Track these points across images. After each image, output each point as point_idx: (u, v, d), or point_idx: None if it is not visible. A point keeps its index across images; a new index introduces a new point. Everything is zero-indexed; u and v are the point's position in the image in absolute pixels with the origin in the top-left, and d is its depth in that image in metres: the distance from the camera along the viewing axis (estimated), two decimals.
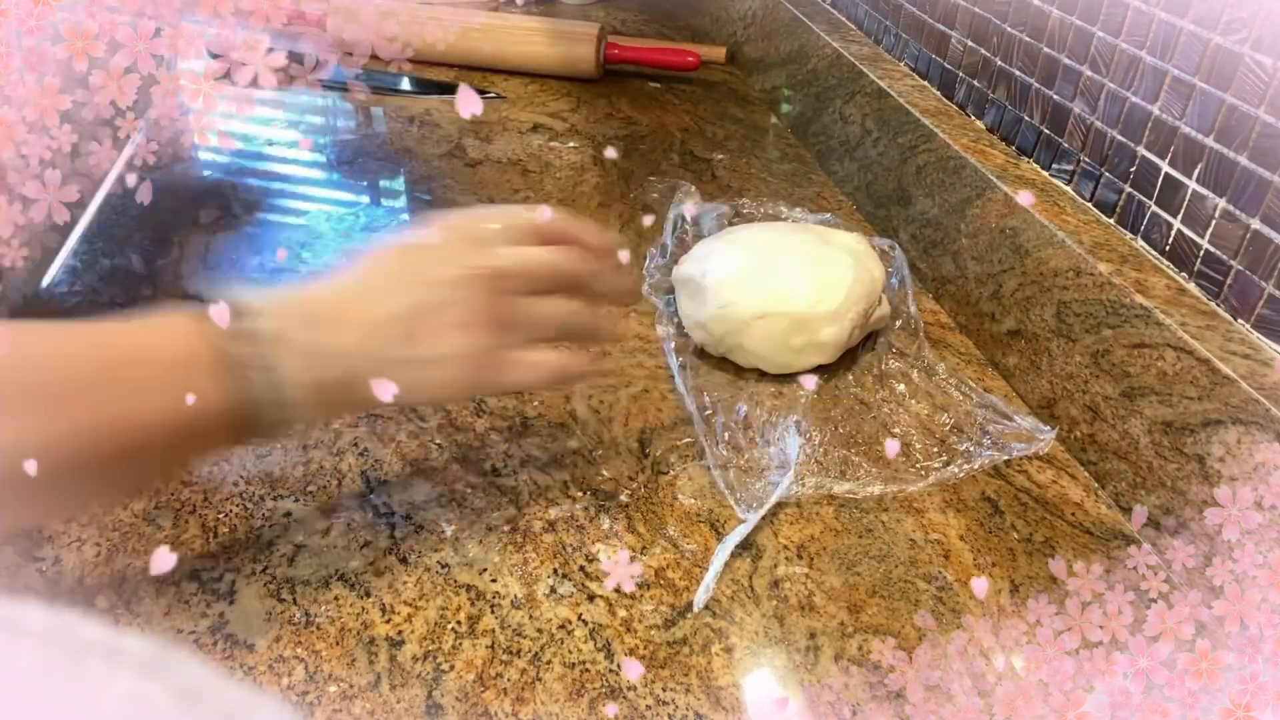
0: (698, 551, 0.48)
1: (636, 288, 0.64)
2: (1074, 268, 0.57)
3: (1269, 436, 0.44)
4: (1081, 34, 0.62)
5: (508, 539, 0.48)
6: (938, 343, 0.66)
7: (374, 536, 0.48)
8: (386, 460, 0.52)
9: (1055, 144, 0.65)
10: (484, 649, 0.43)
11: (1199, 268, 0.54)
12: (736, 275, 0.60)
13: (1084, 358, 0.56)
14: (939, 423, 0.58)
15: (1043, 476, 0.55)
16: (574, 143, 0.90)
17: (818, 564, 0.48)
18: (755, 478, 0.52)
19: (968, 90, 0.76)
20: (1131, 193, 0.59)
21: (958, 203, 0.69)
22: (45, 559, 0.45)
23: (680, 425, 0.56)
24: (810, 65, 0.95)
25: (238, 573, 0.45)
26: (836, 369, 0.62)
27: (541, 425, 0.56)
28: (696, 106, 1.01)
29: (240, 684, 0.39)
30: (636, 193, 0.82)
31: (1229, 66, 0.51)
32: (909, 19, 0.85)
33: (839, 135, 0.87)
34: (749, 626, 0.45)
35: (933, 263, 0.72)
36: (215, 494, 0.49)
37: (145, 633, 0.42)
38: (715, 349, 0.61)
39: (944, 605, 0.47)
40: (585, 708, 0.41)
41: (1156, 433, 0.51)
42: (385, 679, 0.41)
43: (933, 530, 0.51)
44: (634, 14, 1.27)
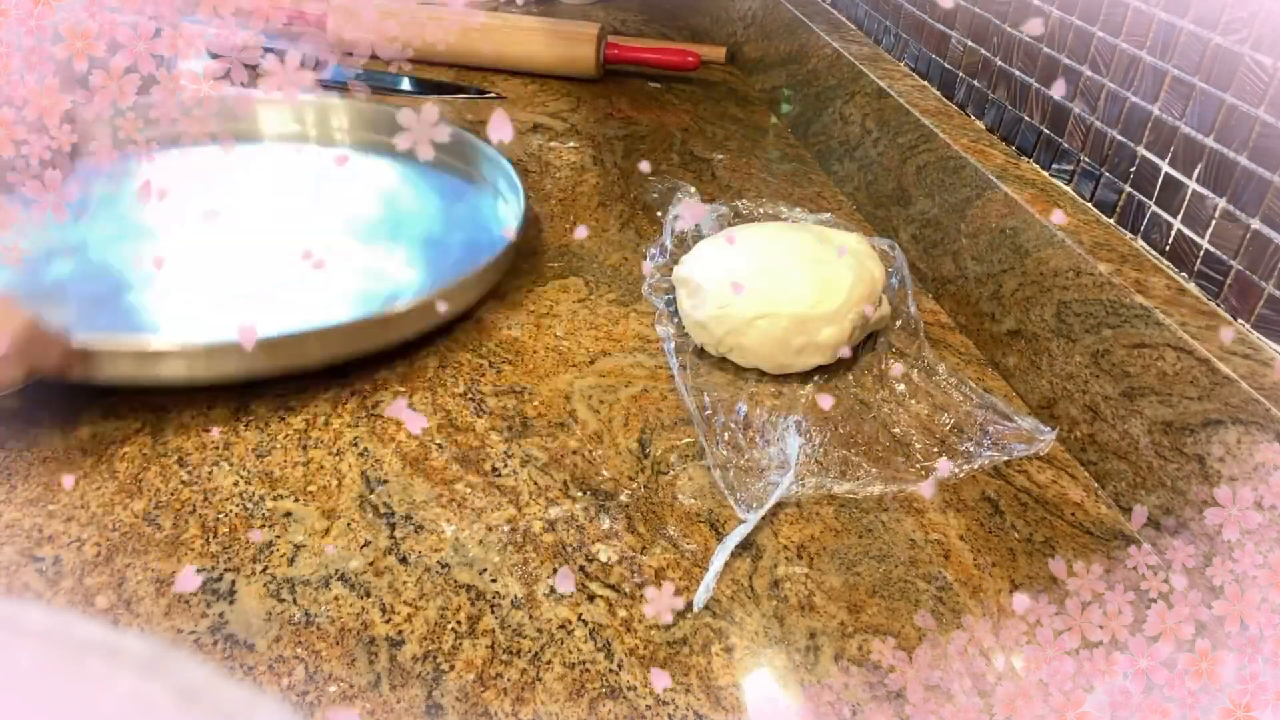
0: (698, 551, 0.48)
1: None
2: (1074, 268, 0.57)
3: (1269, 436, 0.44)
4: (1081, 34, 0.62)
5: (508, 539, 0.48)
6: (938, 343, 0.66)
7: (374, 536, 0.48)
8: (386, 460, 0.52)
9: (1055, 144, 0.65)
10: (484, 649, 0.43)
11: (1199, 268, 0.54)
12: (736, 275, 0.60)
13: (1084, 358, 0.56)
14: (939, 423, 0.58)
15: (1043, 476, 0.55)
16: (574, 143, 0.90)
17: (818, 564, 0.48)
18: (755, 478, 0.52)
19: (968, 90, 0.76)
20: (1131, 193, 0.59)
21: (958, 203, 0.69)
22: (45, 559, 0.45)
23: (680, 425, 0.57)
24: (810, 65, 0.95)
25: (238, 573, 0.45)
26: (836, 369, 0.62)
27: (541, 425, 0.56)
28: (696, 106, 1.01)
29: (240, 684, 0.39)
30: (636, 193, 0.82)
31: (1229, 66, 0.51)
32: (909, 19, 0.85)
33: (839, 135, 0.87)
34: (749, 626, 0.45)
35: (933, 263, 0.72)
36: (215, 494, 0.49)
37: (145, 633, 0.42)
38: (715, 349, 0.61)
39: (944, 605, 0.47)
40: (585, 708, 0.41)
41: (1156, 433, 0.51)
42: (385, 679, 0.41)
43: (933, 530, 0.51)
44: (634, 14, 1.28)
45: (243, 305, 0.61)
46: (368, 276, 0.66)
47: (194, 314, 0.60)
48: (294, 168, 0.80)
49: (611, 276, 0.70)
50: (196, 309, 0.61)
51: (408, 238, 0.71)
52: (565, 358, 0.61)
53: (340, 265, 0.66)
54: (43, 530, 0.46)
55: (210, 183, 0.71)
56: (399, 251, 0.69)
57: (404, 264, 0.68)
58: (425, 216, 0.74)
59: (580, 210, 0.79)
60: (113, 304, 0.61)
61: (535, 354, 0.61)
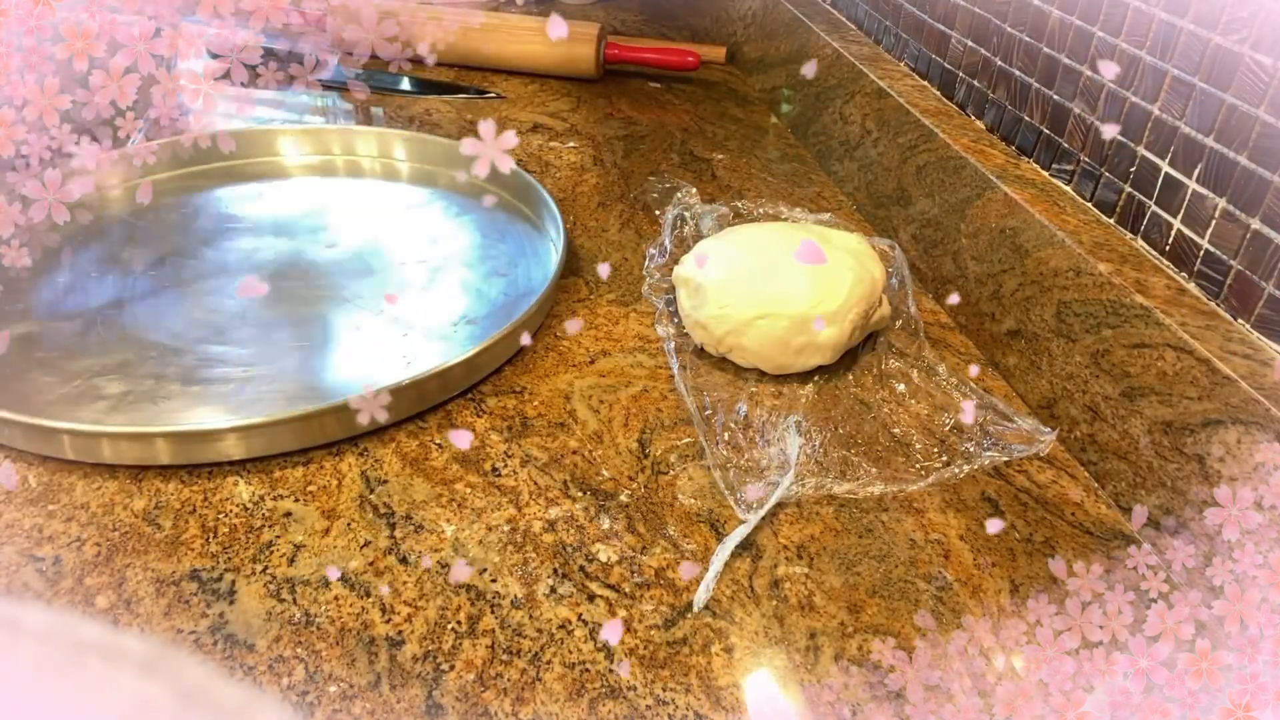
0: (698, 551, 0.48)
1: None
2: (1074, 268, 0.57)
3: (1269, 436, 0.44)
4: (1081, 34, 0.62)
5: (508, 539, 0.48)
6: (938, 343, 0.66)
7: (374, 536, 0.48)
8: (386, 460, 0.52)
9: (1055, 144, 0.65)
10: (484, 649, 0.43)
11: (1199, 268, 0.54)
12: (736, 275, 0.60)
13: (1084, 358, 0.56)
14: (939, 423, 0.58)
15: (1043, 476, 0.55)
16: (574, 143, 0.90)
17: (818, 564, 0.48)
18: (755, 478, 0.52)
19: (968, 90, 0.76)
20: (1131, 193, 0.59)
21: (958, 203, 0.69)
22: (45, 559, 0.45)
23: (680, 425, 0.56)
24: (810, 65, 0.95)
25: (238, 573, 0.45)
26: (836, 369, 0.62)
27: (541, 425, 0.56)
28: (696, 106, 1.01)
29: (240, 684, 0.39)
30: (636, 193, 0.82)
31: (1229, 66, 0.51)
32: (909, 19, 0.85)
33: (839, 135, 0.87)
34: (749, 626, 0.45)
35: (933, 263, 0.72)
36: (215, 494, 0.49)
37: (145, 633, 0.42)
38: (715, 349, 0.61)
39: (944, 605, 0.47)
40: (585, 708, 0.41)
41: (1156, 433, 0.51)
42: (385, 679, 0.41)
43: (933, 530, 0.51)
44: (634, 14, 1.27)
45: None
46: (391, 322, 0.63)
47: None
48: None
49: (611, 276, 0.70)
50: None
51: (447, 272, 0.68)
52: (565, 357, 0.61)
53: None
54: (43, 530, 0.46)
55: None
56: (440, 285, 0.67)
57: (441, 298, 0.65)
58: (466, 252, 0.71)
59: (580, 210, 0.79)
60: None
61: (535, 353, 0.61)
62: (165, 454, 0.49)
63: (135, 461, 0.50)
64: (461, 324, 0.62)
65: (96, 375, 0.55)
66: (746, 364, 0.61)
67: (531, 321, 0.60)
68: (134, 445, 0.49)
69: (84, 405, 0.53)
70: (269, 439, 0.50)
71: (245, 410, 0.53)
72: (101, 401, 0.53)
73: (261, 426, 0.49)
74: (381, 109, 0.94)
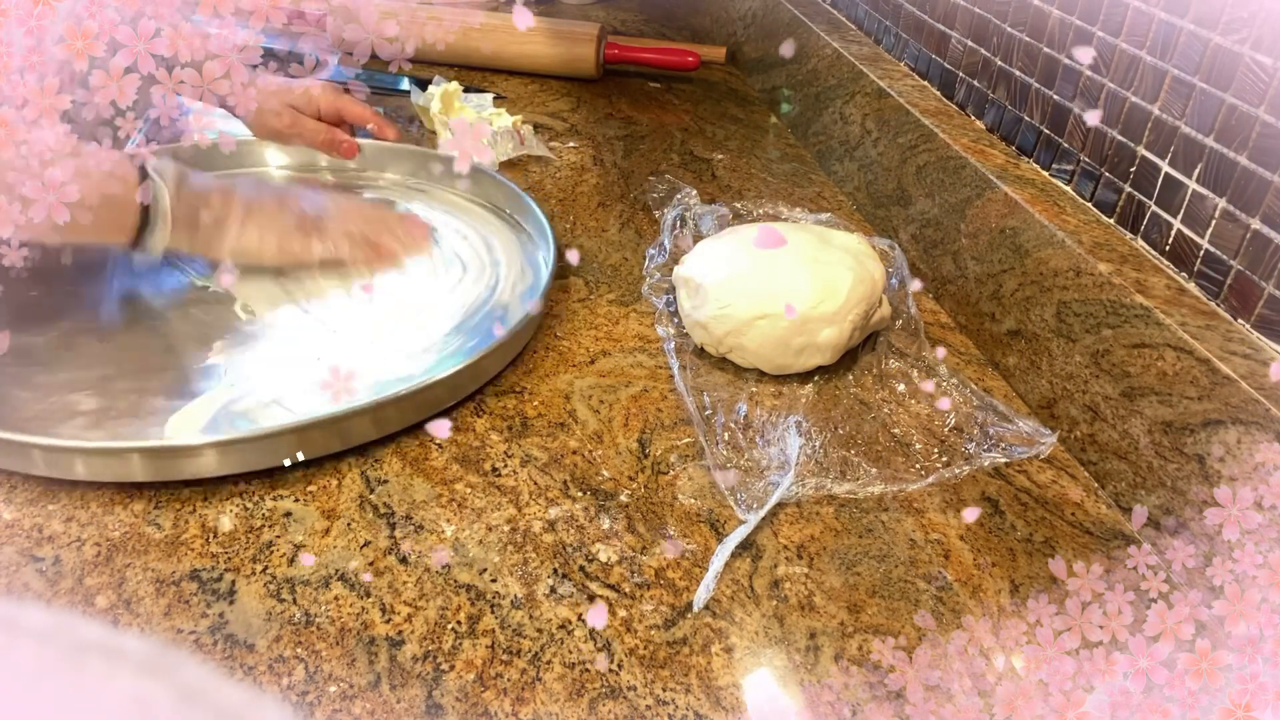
0: (698, 551, 0.48)
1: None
2: (1074, 268, 0.57)
3: (1269, 436, 0.44)
4: (1081, 34, 0.62)
5: (508, 539, 0.48)
6: (938, 343, 0.66)
7: (374, 536, 0.48)
8: (386, 460, 0.52)
9: (1055, 144, 0.65)
10: (484, 649, 0.43)
11: (1199, 268, 0.54)
12: (736, 275, 0.60)
13: (1084, 358, 0.56)
14: (939, 423, 0.58)
15: (1043, 476, 0.55)
16: (574, 143, 0.90)
17: (818, 564, 0.48)
18: (755, 478, 0.52)
19: (968, 90, 0.76)
20: (1131, 193, 0.59)
21: (958, 203, 0.69)
22: (45, 559, 0.45)
23: (680, 425, 0.56)
24: (810, 65, 0.95)
25: (238, 573, 0.45)
26: (836, 369, 0.62)
27: (541, 425, 0.56)
28: (696, 106, 1.01)
29: (240, 684, 0.39)
30: (636, 193, 0.82)
31: (1229, 66, 0.51)
32: (909, 19, 0.85)
33: (839, 135, 0.87)
34: (749, 626, 0.45)
35: (933, 263, 0.72)
36: (215, 494, 0.49)
37: (145, 633, 0.42)
38: (715, 349, 0.61)
39: (944, 605, 0.47)
40: (585, 708, 0.41)
41: (1156, 433, 0.51)
42: (385, 679, 0.41)
43: (933, 530, 0.51)
44: (634, 14, 1.27)
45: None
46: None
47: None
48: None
49: (611, 276, 0.70)
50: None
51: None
52: (565, 357, 0.61)
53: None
54: (43, 530, 0.46)
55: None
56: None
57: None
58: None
59: (580, 210, 0.79)
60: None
61: (535, 353, 0.61)
62: (140, 470, 0.48)
63: (113, 478, 0.49)
64: (453, 333, 0.61)
65: (75, 390, 0.54)
66: (746, 364, 0.61)
67: (524, 333, 0.61)
68: (109, 462, 0.48)
69: (60, 421, 0.51)
70: (243, 455, 0.49)
71: (228, 425, 0.52)
72: (80, 417, 0.52)
73: (240, 442, 0.49)
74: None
